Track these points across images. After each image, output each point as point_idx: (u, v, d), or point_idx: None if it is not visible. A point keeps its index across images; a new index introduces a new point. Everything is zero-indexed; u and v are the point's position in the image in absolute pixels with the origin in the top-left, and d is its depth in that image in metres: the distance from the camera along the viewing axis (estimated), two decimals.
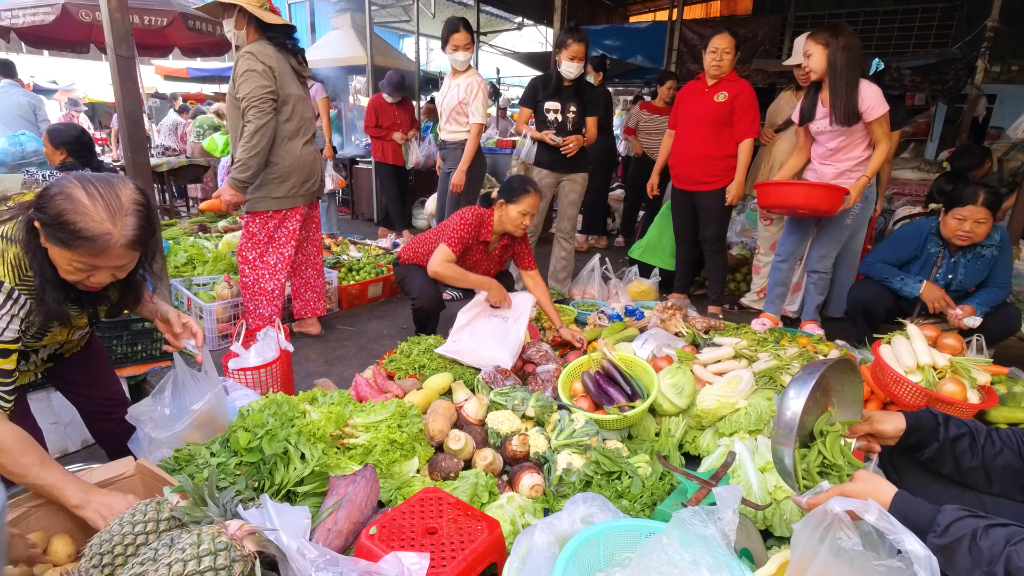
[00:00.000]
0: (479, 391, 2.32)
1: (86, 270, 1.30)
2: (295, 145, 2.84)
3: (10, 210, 1.33)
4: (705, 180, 3.57)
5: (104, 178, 1.30)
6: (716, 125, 3.47)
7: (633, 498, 1.68)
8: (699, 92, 3.56)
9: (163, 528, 1.19)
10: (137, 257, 1.37)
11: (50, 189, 1.26)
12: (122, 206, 1.28)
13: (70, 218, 1.22)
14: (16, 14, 5.70)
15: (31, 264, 1.31)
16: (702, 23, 9.95)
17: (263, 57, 2.65)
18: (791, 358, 2.55)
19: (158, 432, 1.63)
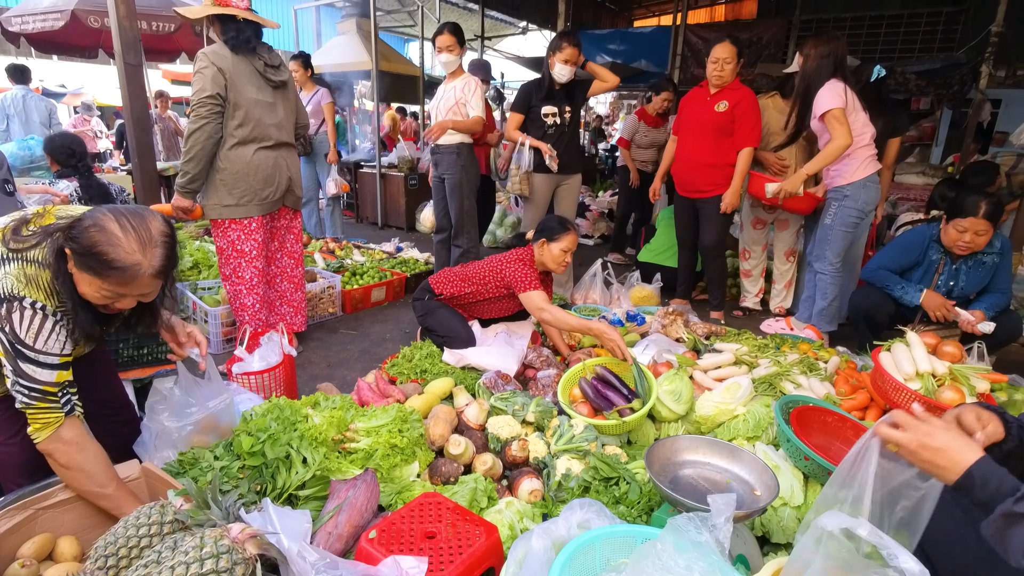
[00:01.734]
0: (480, 396, 2.33)
1: (113, 297, 1.36)
2: (245, 151, 2.73)
3: (35, 235, 1.38)
4: (705, 188, 3.59)
5: (134, 211, 1.37)
6: (717, 133, 3.48)
7: (631, 504, 1.69)
8: (701, 100, 3.57)
9: (167, 531, 1.22)
10: (161, 285, 1.44)
11: (84, 220, 1.32)
12: (152, 238, 1.34)
13: (103, 249, 1.29)
14: (26, 20, 5.79)
15: (61, 288, 1.36)
16: (706, 27, 9.96)
17: (215, 59, 2.59)
18: (791, 364, 2.55)
19: (171, 421, 1.66)
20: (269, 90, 2.80)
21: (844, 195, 3.16)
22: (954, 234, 2.65)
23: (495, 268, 2.79)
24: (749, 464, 1.64)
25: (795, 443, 1.79)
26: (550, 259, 2.75)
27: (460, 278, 2.88)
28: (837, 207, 3.20)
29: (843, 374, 2.50)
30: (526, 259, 2.77)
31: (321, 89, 5.22)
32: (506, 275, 2.74)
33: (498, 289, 2.81)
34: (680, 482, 1.65)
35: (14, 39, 6.08)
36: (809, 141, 3.53)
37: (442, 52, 3.65)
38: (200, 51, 2.60)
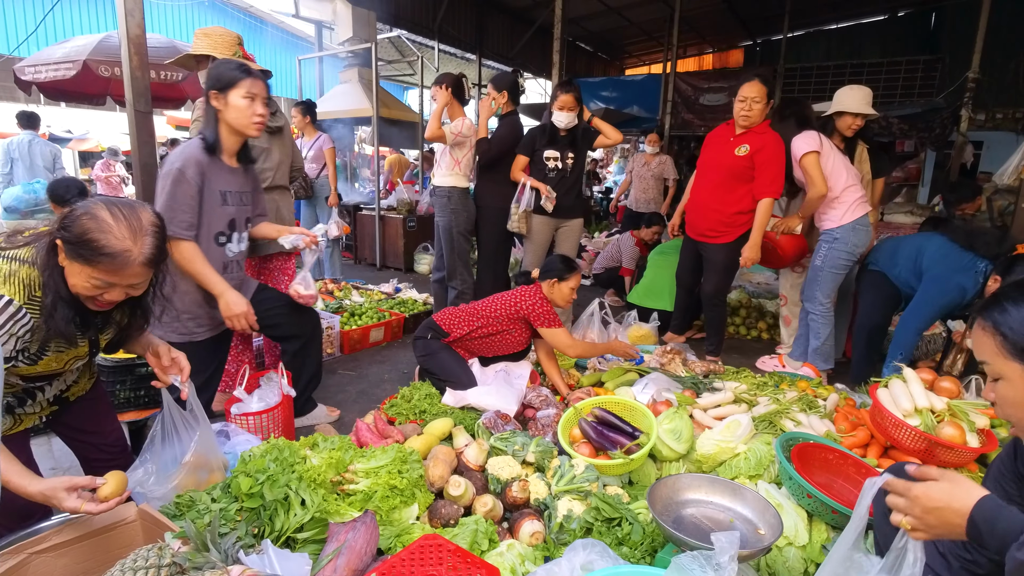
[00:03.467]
0: (479, 436, 2.32)
1: (102, 287, 1.38)
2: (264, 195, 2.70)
3: (25, 238, 1.42)
4: (708, 233, 3.49)
5: (125, 201, 1.41)
6: (732, 178, 3.33)
7: (634, 545, 1.67)
8: (723, 140, 3.41)
9: (165, 574, 1.19)
10: (150, 277, 1.46)
11: (76, 210, 1.35)
12: (142, 226, 1.38)
13: (94, 236, 1.32)
14: (39, 70, 5.97)
15: (46, 281, 1.37)
16: (695, 75, 10.35)
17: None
18: (790, 402, 2.56)
19: (155, 491, 1.64)
20: (265, 136, 2.83)
21: (834, 238, 3.24)
22: None
23: (509, 303, 2.84)
24: (752, 502, 1.63)
25: (797, 481, 1.78)
26: (560, 297, 2.88)
27: (468, 314, 2.88)
28: (827, 249, 3.26)
29: (842, 411, 2.50)
30: (538, 296, 2.84)
31: (323, 135, 5.37)
32: (523, 310, 2.81)
33: (511, 323, 2.85)
34: (683, 521, 1.63)
35: (26, 87, 6.26)
36: None
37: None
38: (200, 99, 2.58)
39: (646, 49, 13.54)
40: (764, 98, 3.20)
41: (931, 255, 2.94)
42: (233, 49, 2.69)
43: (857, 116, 3.28)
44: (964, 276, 2.79)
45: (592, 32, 11.68)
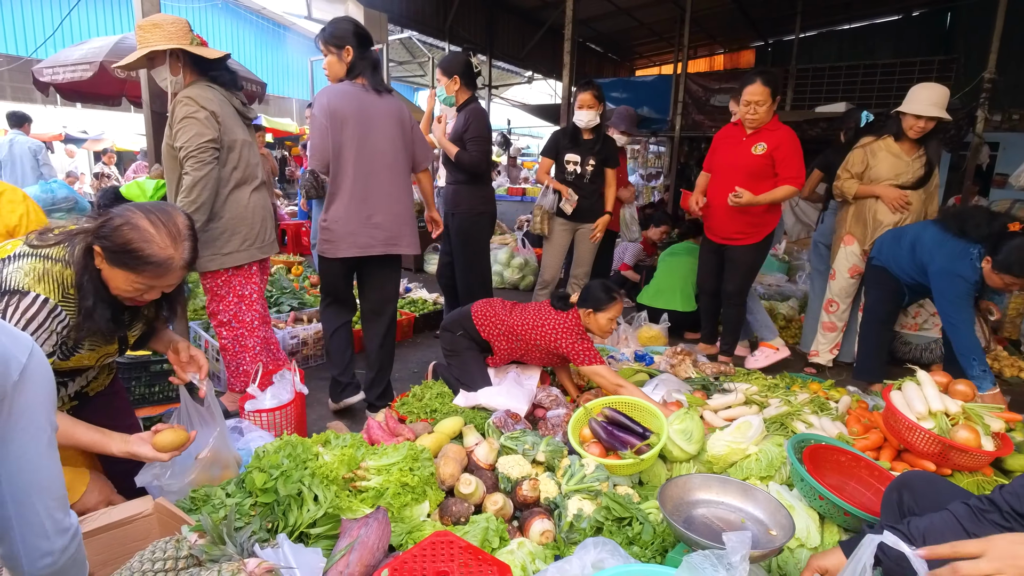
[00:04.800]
0: (490, 435, 2.33)
1: (144, 289, 1.45)
2: (242, 194, 2.56)
3: (56, 236, 1.45)
4: (734, 236, 3.46)
5: (159, 207, 1.46)
6: (752, 177, 3.30)
7: (644, 544, 1.67)
8: (736, 139, 3.40)
9: (182, 566, 1.21)
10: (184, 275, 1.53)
11: (114, 219, 1.39)
12: (180, 232, 1.44)
13: (139, 246, 1.38)
14: (57, 71, 6.07)
15: (83, 283, 1.42)
16: (706, 76, 10.30)
17: (204, 102, 2.37)
18: (802, 404, 2.54)
19: (172, 485, 1.66)
20: (247, 129, 2.65)
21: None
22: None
23: (549, 336, 2.65)
24: (763, 503, 1.62)
25: (809, 482, 1.77)
26: (597, 328, 2.68)
27: (508, 331, 2.73)
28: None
29: (855, 414, 2.49)
30: (579, 330, 2.64)
31: None
32: (562, 347, 2.62)
33: (549, 358, 2.76)
34: (694, 521, 1.63)
35: (44, 88, 6.37)
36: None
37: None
38: (182, 93, 2.38)
39: (656, 50, 13.52)
40: (768, 98, 3.21)
41: (927, 247, 2.87)
42: (189, 37, 2.44)
43: (920, 118, 3.12)
44: (961, 264, 2.69)
45: (602, 33, 11.67)
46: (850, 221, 3.47)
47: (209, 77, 2.47)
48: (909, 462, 2.15)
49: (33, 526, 0.94)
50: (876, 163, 3.34)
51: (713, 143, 3.61)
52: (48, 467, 0.96)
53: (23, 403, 0.90)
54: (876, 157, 3.34)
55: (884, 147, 3.34)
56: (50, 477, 0.97)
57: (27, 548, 0.94)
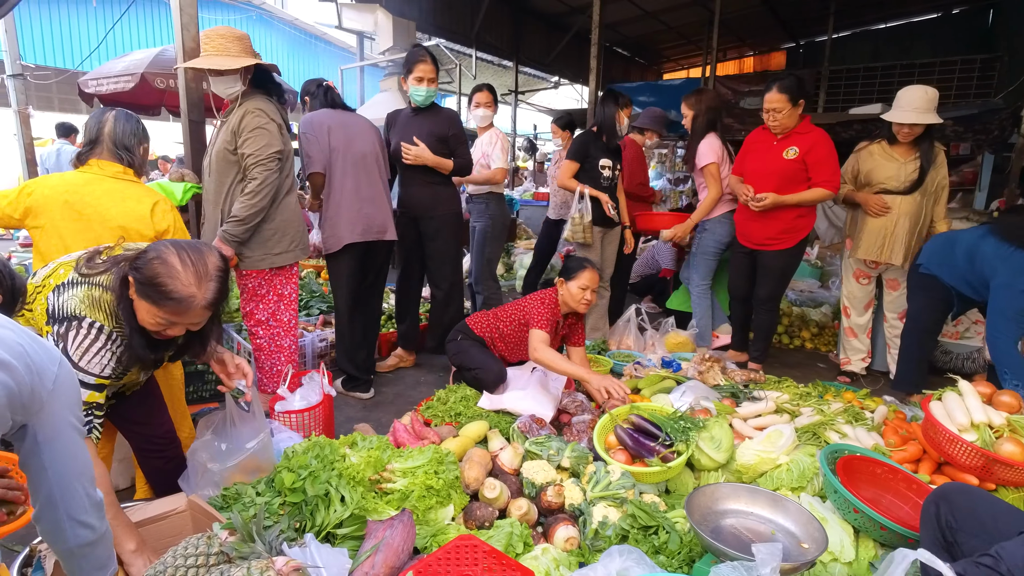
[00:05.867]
0: (514, 440, 2.32)
1: (166, 324, 1.47)
2: (291, 199, 2.74)
3: (104, 263, 1.52)
4: (766, 241, 3.40)
5: (194, 245, 1.49)
6: (784, 182, 3.25)
7: (671, 554, 1.64)
8: (767, 144, 3.35)
9: (212, 562, 1.24)
10: (210, 315, 1.54)
11: (149, 252, 1.44)
12: (208, 272, 1.45)
13: (163, 280, 1.40)
14: (101, 82, 6.33)
15: (122, 312, 1.47)
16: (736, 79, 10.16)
17: (272, 114, 2.57)
18: (835, 413, 2.47)
19: (213, 463, 1.70)
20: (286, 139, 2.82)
21: (704, 229, 3.77)
22: None
23: (521, 306, 2.94)
24: (795, 515, 1.58)
25: (843, 494, 1.72)
26: (570, 298, 2.84)
27: (493, 317, 3.00)
28: (700, 238, 3.82)
29: (892, 424, 2.40)
30: (547, 299, 2.86)
31: None
32: (526, 312, 2.86)
33: (522, 327, 2.91)
34: (722, 532, 1.60)
35: (88, 99, 6.64)
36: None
37: (479, 107, 3.88)
38: (252, 105, 2.54)
39: (684, 53, 13.38)
40: (787, 104, 3.19)
41: (988, 259, 2.74)
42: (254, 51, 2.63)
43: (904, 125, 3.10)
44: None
45: (629, 37, 11.61)
46: (849, 225, 3.55)
47: (265, 90, 2.65)
48: (950, 476, 2.07)
49: (76, 505, 1.11)
50: (872, 167, 3.31)
51: (744, 147, 3.55)
52: (83, 455, 1.11)
53: (58, 407, 1.01)
54: (872, 160, 3.32)
55: (878, 151, 3.32)
56: (84, 462, 1.12)
57: (72, 524, 1.11)
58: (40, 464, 1.03)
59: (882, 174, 3.26)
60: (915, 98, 3.08)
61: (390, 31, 7.05)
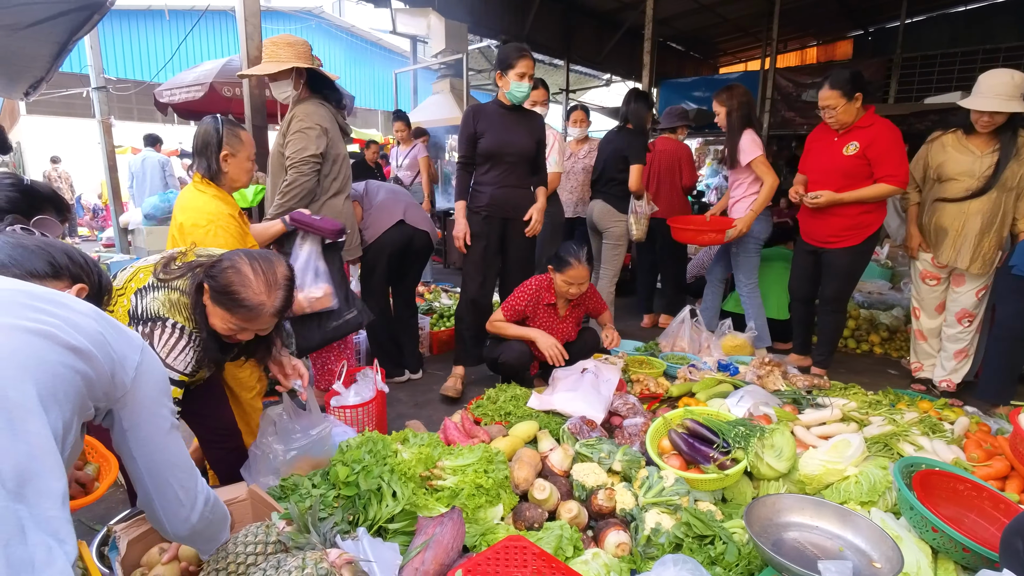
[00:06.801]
0: (564, 441, 2.30)
1: (237, 330, 1.55)
2: (337, 201, 2.80)
3: (179, 268, 1.61)
4: (831, 239, 3.25)
5: (264, 255, 1.57)
6: (846, 178, 3.13)
7: (728, 566, 1.57)
8: (827, 140, 3.23)
9: (270, 551, 1.28)
10: (276, 321, 1.62)
11: (223, 262, 1.52)
12: (277, 281, 1.53)
13: (236, 289, 1.48)
14: (174, 92, 6.73)
15: (195, 316, 1.56)
16: (797, 71, 9.72)
17: (319, 119, 2.64)
18: (909, 424, 2.31)
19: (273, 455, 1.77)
20: (344, 143, 2.93)
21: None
22: None
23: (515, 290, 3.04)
24: (865, 531, 1.49)
25: (921, 511, 1.60)
26: (556, 286, 2.95)
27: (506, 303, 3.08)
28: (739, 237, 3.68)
29: (974, 437, 2.22)
30: (528, 289, 2.98)
31: (418, 143, 5.60)
32: (512, 295, 2.99)
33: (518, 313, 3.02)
34: (784, 545, 1.52)
35: (163, 109, 7.08)
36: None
37: (535, 105, 3.86)
38: (300, 109, 2.63)
39: (742, 46, 12.89)
40: (841, 99, 3.04)
41: None
42: (311, 57, 2.75)
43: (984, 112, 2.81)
44: None
45: (682, 31, 11.29)
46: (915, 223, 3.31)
47: (322, 95, 2.74)
48: None
49: (168, 497, 1.11)
50: (943, 159, 3.02)
51: (806, 145, 3.43)
52: (173, 447, 1.11)
53: (142, 396, 1.01)
54: (944, 153, 3.04)
55: (952, 142, 3.03)
56: (177, 454, 1.12)
57: (167, 515, 1.13)
58: (129, 453, 1.05)
59: (954, 168, 2.99)
60: (998, 83, 2.79)
61: (442, 34, 7.14)
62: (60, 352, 0.83)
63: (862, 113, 3.10)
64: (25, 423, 0.74)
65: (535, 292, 2.98)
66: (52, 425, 0.78)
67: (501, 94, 3.11)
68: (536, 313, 3.03)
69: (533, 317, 3.04)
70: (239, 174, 2.24)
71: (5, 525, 0.67)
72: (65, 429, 0.82)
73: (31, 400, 0.76)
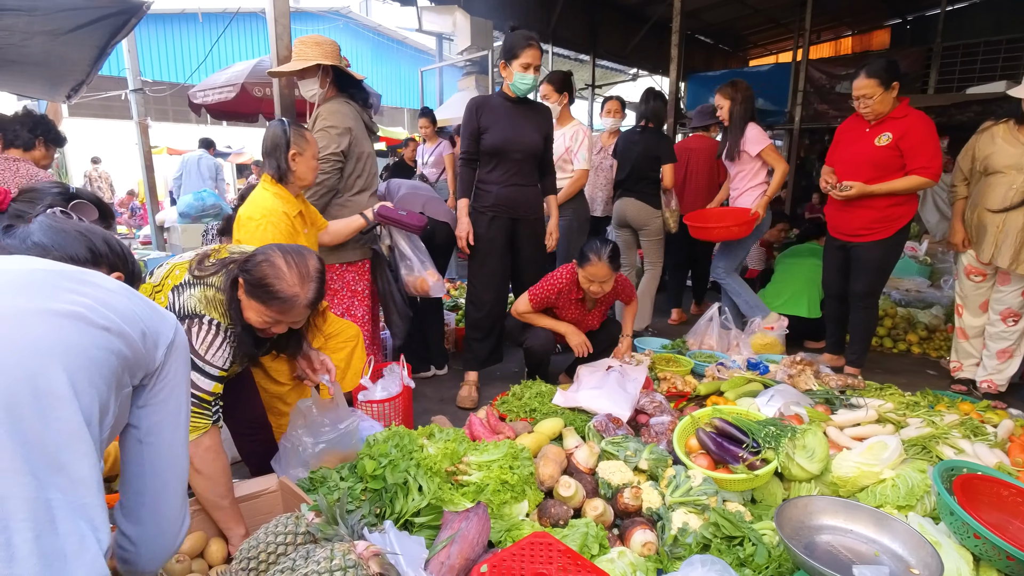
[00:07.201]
0: (590, 439, 2.28)
1: (272, 323, 1.58)
2: (361, 198, 2.83)
3: (214, 265, 1.64)
4: (860, 232, 3.17)
5: (297, 249, 1.61)
6: (877, 170, 3.04)
7: (757, 568, 1.54)
8: (858, 131, 3.15)
9: (300, 541, 1.31)
10: (308, 314, 1.65)
11: (257, 256, 1.56)
12: (309, 274, 1.57)
13: (271, 281, 1.52)
14: (207, 93, 6.89)
15: (230, 311, 1.59)
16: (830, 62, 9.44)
17: (342, 117, 2.67)
18: (949, 426, 2.23)
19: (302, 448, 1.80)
20: (370, 142, 2.95)
21: None
22: None
23: (543, 278, 2.97)
24: (903, 536, 1.44)
25: (962, 517, 1.54)
26: (579, 281, 2.86)
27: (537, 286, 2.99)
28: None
29: (1019, 441, 2.14)
30: (557, 280, 2.90)
31: (444, 141, 5.62)
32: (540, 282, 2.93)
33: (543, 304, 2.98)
34: (816, 549, 1.48)
35: (196, 109, 7.26)
36: None
37: (546, 99, 3.81)
38: (325, 107, 2.67)
39: (773, 37, 12.58)
40: (878, 88, 2.95)
41: None
42: (339, 57, 2.77)
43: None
44: None
45: (711, 23, 11.07)
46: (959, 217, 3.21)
47: (348, 94, 2.78)
48: None
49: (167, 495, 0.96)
50: (991, 151, 2.91)
51: (835, 136, 3.34)
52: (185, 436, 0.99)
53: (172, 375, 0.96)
54: (992, 144, 2.92)
55: (1002, 133, 2.91)
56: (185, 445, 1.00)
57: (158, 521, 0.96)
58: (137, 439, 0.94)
59: (1001, 160, 2.87)
60: None
61: (468, 31, 7.15)
62: (92, 333, 0.81)
63: (896, 104, 3.02)
64: (56, 410, 0.72)
65: (565, 285, 2.88)
66: (85, 410, 0.76)
67: (506, 85, 2.96)
68: (562, 304, 2.96)
69: (559, 308, 2.98)
70: (306, 172, 2.34)
71: (37, 516, 0.67)
72: (101, 411, 0.80)
73: (62, 386, 0.74)
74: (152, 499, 0.95)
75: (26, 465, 0.68)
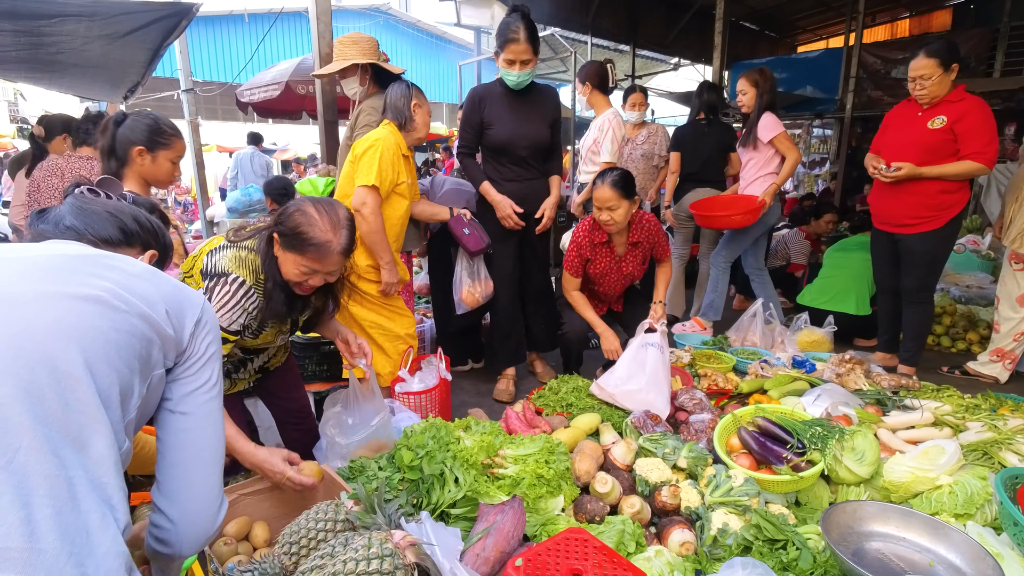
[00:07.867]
0: (627, 435, 2.25)
1: (308, 273, 1.64)
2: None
3: (248, 232, 1.72)
4: (908, 222, 3.04)
5: (326, 200, 1.68)
6: (927, 155, 2.90)
7: (801, 573, 1.49)
8: (910, 115, 3.02)
9: (339, 528, 1.34)
10: (343, 265, 1.72)
11: (289, 207, 1.64)
12: (340, 221, 1.64)
13: (304, 229, 1.59)
14: (253, 92, 7.12)
15: (266, 268, 1.66)
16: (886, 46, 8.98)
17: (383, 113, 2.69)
18: (1013, 431, 2.09)
19: (340, 437, 1.84)
20: None
21: None
22: None
23: None
24: (961, 546, 1.36)
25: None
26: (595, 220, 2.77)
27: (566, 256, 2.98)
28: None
29: None
30: (577, 235, 2.86)
31: None
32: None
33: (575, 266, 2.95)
34: (865, 556, 1.42)
35: (243, 108, 7.52)
36: None
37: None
38: (365, 103, 2.72)
39: (823, 22, 12.05)
40: (937, 69, 2.82)
41: None
42: (378, 54, 2.82)
43: None
44: None
45: (756, 9, 10.68)
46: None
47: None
48: None
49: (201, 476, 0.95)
50: None
51: (884, 122, 3.19)
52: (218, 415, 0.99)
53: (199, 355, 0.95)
54: None
55: None
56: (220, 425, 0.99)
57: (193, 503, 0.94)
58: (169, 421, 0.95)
59: None
60: None
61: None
62: (111, 316, 0.81)
63: (953, 88, 2.87)
64: (75, 392, 0.73)
65: (585, 235, 2.83)
66: (103, 391, 0.76)
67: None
68: (593, 255, 2.86)
69: (592, 260, 2.89)
70: (422, 124, 2.59)
71: (58, 493, 0.68)
72: (123, 393, 0.80)
73: (78, 368, 0.74)
74: (184, 472, 0.94)
75: (48, 444, 0.68)
